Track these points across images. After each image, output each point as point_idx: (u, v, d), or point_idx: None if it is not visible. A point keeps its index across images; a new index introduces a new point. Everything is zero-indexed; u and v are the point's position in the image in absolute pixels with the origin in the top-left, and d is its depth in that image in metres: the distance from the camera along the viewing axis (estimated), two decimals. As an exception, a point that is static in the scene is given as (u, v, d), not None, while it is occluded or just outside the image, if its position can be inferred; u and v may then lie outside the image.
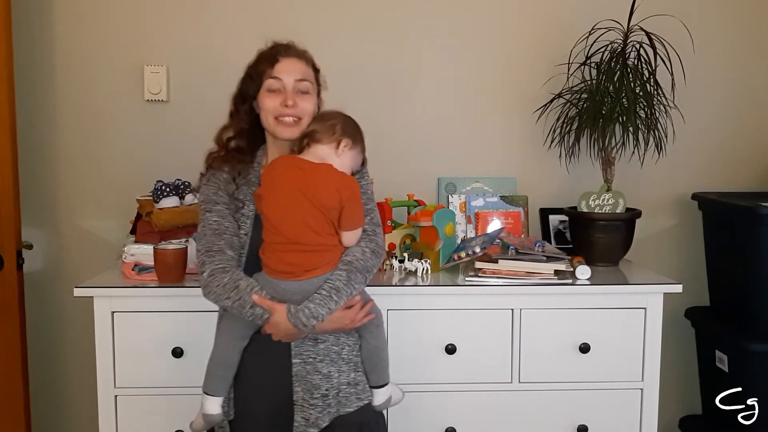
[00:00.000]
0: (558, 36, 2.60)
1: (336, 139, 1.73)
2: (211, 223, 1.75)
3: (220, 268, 1.69)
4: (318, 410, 1.72)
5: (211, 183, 1.81)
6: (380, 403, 1.84)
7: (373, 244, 1.76)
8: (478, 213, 2.58)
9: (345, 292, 1.68)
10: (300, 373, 1.73)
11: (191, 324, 2.09)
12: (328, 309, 1.66)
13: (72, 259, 2.62)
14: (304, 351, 1.73)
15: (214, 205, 1.78)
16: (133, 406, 2.11)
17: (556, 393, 2.19)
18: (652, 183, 2.69)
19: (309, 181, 1.67)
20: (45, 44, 2.55)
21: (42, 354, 2.64)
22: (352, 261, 1.70)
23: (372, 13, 2.62)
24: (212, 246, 1.72)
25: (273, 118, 1.79)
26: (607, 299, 2.18)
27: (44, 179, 2.59)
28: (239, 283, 1.68)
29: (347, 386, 1.77)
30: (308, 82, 1.81)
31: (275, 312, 1.66)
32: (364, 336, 1.81)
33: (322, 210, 1.66)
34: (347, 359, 1.78)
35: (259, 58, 1.84)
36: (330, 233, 1.69)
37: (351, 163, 1.78)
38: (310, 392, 1.72)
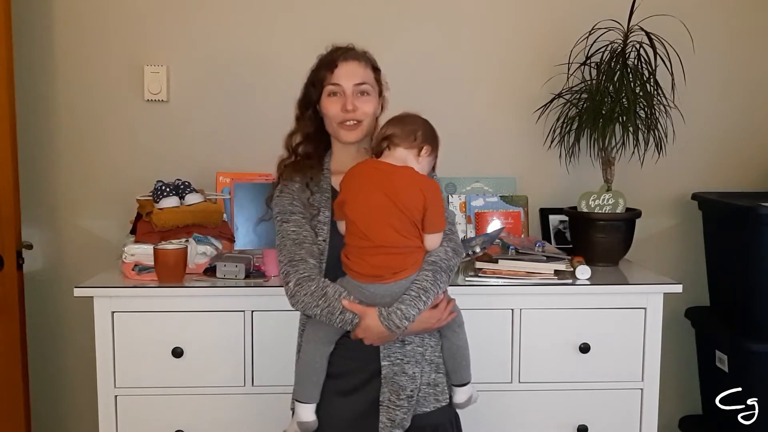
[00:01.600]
0: (558, 36, 2.60)
1: (418, 145, 1.73)
2: (290, 233, 1.76)
3: (305, 277, 1.70)
4: (404, 411, 1.72)
5: (284, 194, 1.82)
6: (462, 402, 1.84)
7: (453, 243, 1.77)
8: (478, 213, 2.58)
9: (432, 292, 1.69)
10: (388, 375, 1.72)
11: (191, 324, 2.09)
12: (418, 309, 1.67)
13: (72, 259, 2.62)
14: (393, 353, 1.73)
15: (290, 215, 1.78)
16: (133, 406, 2.11)
17: (556, 393, 2.19)
18: (652, 183, 2.68)
19: (392, 183, 1.68)
20: (45, 44, 2.55)
21: (42, 354, 2.64)
22: (436, 261, 1.71)
23: (370, 14, 2.61)
24: (294, 256, 1.72)
25: (336, 123, 1.81)
26: (607, 299, 2.18)
27: (44, 179, 2.60)
28: (327, 290, 1.69)
29: (427, 386, 1.77)
30: (368, 84, 1.82)
31: (367, 316, 1.66)
32: (447, 335, 1.81)
33: (406, 212, 1.66)
34: (430, 360, 1.78)
35: (319, 64, 1.85)
36: (414, 235, 1.69)
37: (428, 168, 1.79)
38: (396, 393, 1.72)
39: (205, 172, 2.54)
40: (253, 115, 2.58)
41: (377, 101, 1.86)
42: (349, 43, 1.87)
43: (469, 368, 1.86)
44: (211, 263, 2.20)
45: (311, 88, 1.84)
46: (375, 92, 1.85)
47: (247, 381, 2.11)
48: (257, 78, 2.57)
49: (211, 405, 2.12)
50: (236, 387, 2.12)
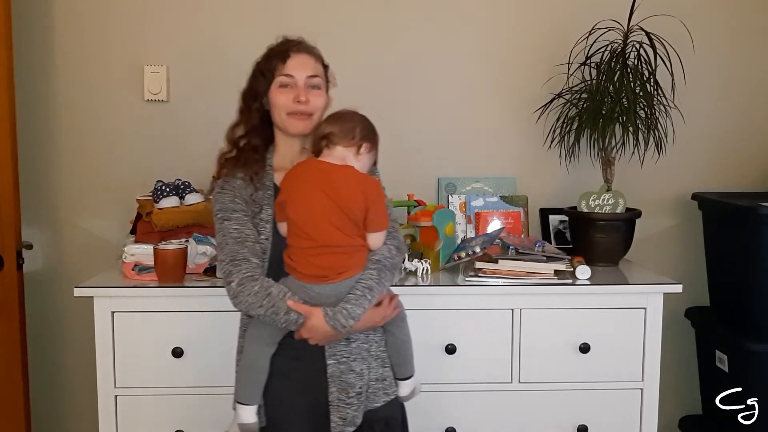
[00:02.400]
0: (558, 36, 2.60)
1: (356, 143, 1.72)
2: (231, 232, 1.72)
3: (248, 277, 1.67)
4: (354, 408, 1.72)
5: (226, 190, 1.77)
6: (406, 395, 1.85)
7: (396, 241, 1.77)
8: (478, 213, 2.58)
9: (377, 291, 1.69)
10: (335, 374, 1.72)
11: (191, 324, 2.09)
12: (363, 308, 1.67)
13: (72, 259, 2.62)
14: (338, 351, 1.73)
15: (232, 213, 1.74)
16: (133, 406, 2.11)
17: (556, 393, 2.19)
18: (652, 183, 2.68)
19: (333, 183, 1.67)
20: (45, 44, 2.55)
21: (42, 354, 2.64)
22: (380, 259, 1.71)
23: (371, 13, 2.62)
24: (236, 255, 1.69)
25: (285, 114, 1.77)
26: (607, 299, 2.18)
27: (44, 179, 2.59)
28: (271, 290, 1.67)
29: (376, 382, 1.78)
30: (319, 77, 1.81)
31: (312, 316, 1.65)
32: (390, 330, 1.81)
33: (348, 211, 1.66)
34: (375, 355, 1.79)
35: (269, 54, 1.81)
36: (357, 234, 1.69)
37: (368, 165, 1.78)
38: (345, 391, 1.72)
39: (205, 172, 2.50)
40: (253, 115, 2.58)
41: (326, 97, 1.83)
42: (299, 36, 1.84)
43: (412, 361, 1.86)
44: (211, 263, 2.20)
45: (260, 78, 1.80)
46: (325, 87, 1.83)
47: (247, 381, 2.11)
48: (257, 78, 2.57)
49: (211, 405, 2.12)
50: (236, 387, 2.12)
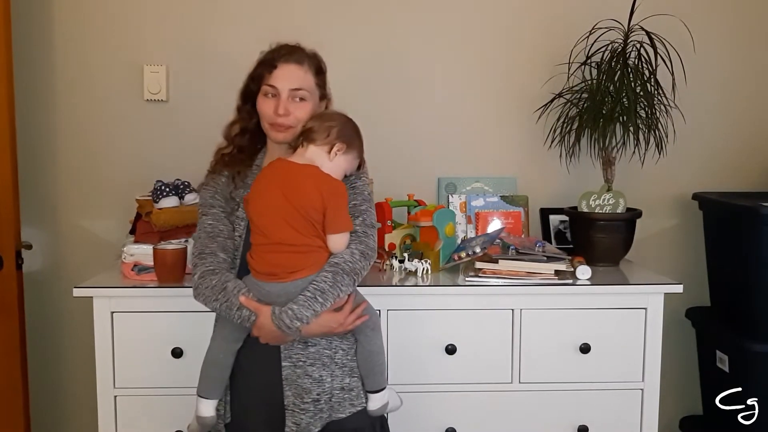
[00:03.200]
0: (558, 36, 2.59)
1: (330, 142, 1.72)
2: (205, 226, 1.77)
3: (209, 270, 1.70)
4: (309, 415, 1.70)
5: (209, 186, 1.83)
6: (375, 409, 1.81)
7: (362, 246, 1.72)
8: (478, 213, 2.58)
9: (331, 294, 1.65)
10: (290, 377, 1.71)
11: (191, 324, 2.09)
12: (312, 311, 1.63)
13: (72, 259, 2.62)
14: (294, 354, 1.72)
15: (209, 209, 1.80)
16: (133, 406, 2.11)
17: (557, 393, 2.18)
18: (653, 183, 2.68)
19: (291, 182, 1.67)
20: (44, 44, 2.55)
21: (42, 354, 2.64)
22: (339, 263, 1.68)
23: (371, 13, 2.61)
24: (205, 249, 1.74)
25: (267, 123, 1.80)
26: (607, 299, 2.18)
27: (44, 179, 2.59)
28: (227, 284, 1.68)
29: (341, 391, 1.75)
30: (305, 90, 1.79)
31: (261, 314, 1.65)
32: (359, 339, 1.79)
33: (302, 211, 1.65)
34: (341, 363, 1.76)
35: (260, 61, 1.83)
36: (314, 234, 1.67)
37: (345, 167, 1.76)
38: (300, 396, 1.71)
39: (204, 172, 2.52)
40: (253, 115, 2.58)
41: (314, 106, 1.82)
42: (296, 42, 1.84)
43: (383, 374, 1.83)
44: (210, 263, 2.20)
45: (251, 83, 1.83)
46: (313, 98, 1.82)
47: (247, 381, 2.11)
48: (257, 78, 2.57)
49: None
50: (236, 387, 2.11)
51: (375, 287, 2.09)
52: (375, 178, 2.44)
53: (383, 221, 2.33)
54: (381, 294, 2.09)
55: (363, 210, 1.78)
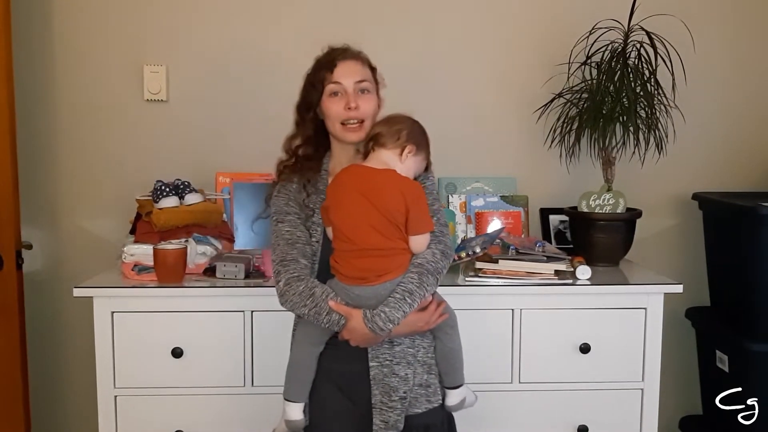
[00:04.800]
0: (558, 36, 2.59)
1: (401, 144, 1.74)
2: (283, 233, 1.78)
3: (295, 277, 1.71)
4: (397, 413, 1.72)
5: (281, 194, 1.83)
6: (454, 404, 1.84)
7: (442, 246, 1.76)
8: (478, 213, 2.58)
9: (418, 294, 1.69)
10: (378, 376, 1.73)
11: (191, 324, 2.09)
12: (403, 312, 1.67)
13: (72, 259, 2.62)
14: (381, 354, 1.74)
15: (285, 216, 1.80)
16: (133, 406, 2.11)
17: (557, 393, 2.18)
18: (653, 183, 2.68)
19: (373, 186, 1.69)
20: (45, 44, 2.55)
21: (42, 354, 2.64)
22: (422, 263, 1.71)
23: (369, 15, 2.61)
24: (286, 256, 1.74)
25: (339, 123, 1.81)
26: (607, 299, 2.18)
27: (44, 179, 2.59)
28: (315, 290, 1.70)
29: (419, 387, 1.77)
30: (368, 81, 1.83)
31: (352, 317, 1.67)
32: (439, 337, 1.81)
33: (387, 215, 1.67)
34: (422, 361, 1.78)
35: (317, 65, 1.85)
36: (398, 237, 1.69)
37: (415, 168, 1.78)
38: (388, 395, 1.72)
39: (204, 172, 2.54)
40: (253, 115, 2.58)
41: (377, 99, 1.86)
42: (344, 43, 1.87)
43: (461, 371, 1.85)
44: (210, 263, 2.20)
45: (311, 89, 1.84)
46: (374, 90, 1.86)
47: (247, 381, 2.11)
48: (257, 78, 2.57)
49: (211, 405, 2.12)
50: (236, 387, 2.12)
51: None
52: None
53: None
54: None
55: (436, 210, 1.82)
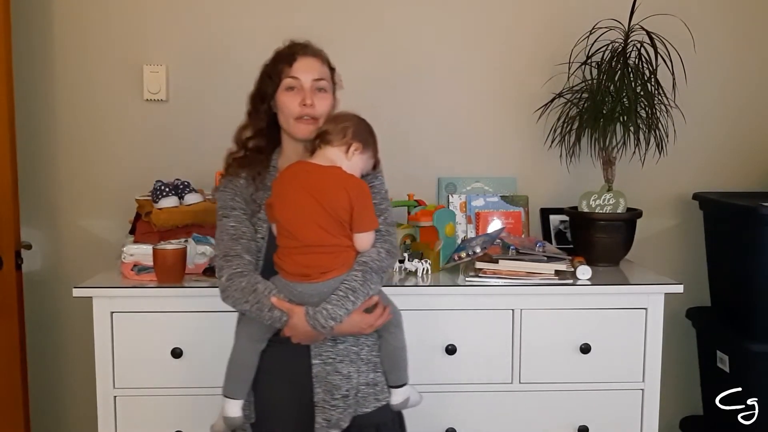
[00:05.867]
0: (558, 35, 2.59)
1: (347, 142, 1.73)
2: (228, 229, 1.76)
3: (237, 272, 1.70)
4: (339, 411, 1.72)
5: (227, 189, 1.81)
6: (398, 403, 1.84)
7: (387, 245, 1.75)
8: (478, 213, 2.58)
9: (362, 293, 1.68)
10: (320, 374, 1.73)
11: (191, 324, 2.09)
12: (345, 310, 1.66)
13: (71, 259, 2.62)
14: (324, 352, 1.73)
15: (231, 211, 1.78)
16: (133, 407, 2.11)
17: (557, 393, 2.18)
18: (653, 183, 2.68)
19: (317, 184, 1.68)
20: (44, 44, 2.55)
21: (41, 354, 2.64)
22: (367, 261, 1.70)
23: (371, 14, 2.61)
24: (229, 251, 1.73)
25: (292, 119, 1.79)
26: (607, 299, 2.18)
27: (43, 179, 2.59)
28: (257, 286, 1.69)
29: (366, 386, 1.77)
30: (325, 80, 1.81)
31: (294, 314, 1.67)
32: (384, 336, 1.81)
33: (331, 212, 1.67)
34: (366, 359, 1.78)
35: (276, 57, 1.83)
36: (343, 234, 1.69)
37: (361, 166, 1.78)
38: (330, 393, 1.72)
39: (204, 172, 2.53)
40: (253, 115, 2.58)
41: (332, 99, 1.84)
42: (306, 39, 1.85)
43: (406, 370, 1.85)
44: (210, 263, 2.20)
45: (267, 81, 1.82)
46: (331, 90, 1.84)
47: (247, 381, 2.11)
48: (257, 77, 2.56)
49: (211, 405, 2.10)
50: (236, 387, 2.11)
51: (375, 287, 2.10)
52: (375, 178, 2.44)
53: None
54: (381, 294, 2.09)
55: (383, 209, 1.81)
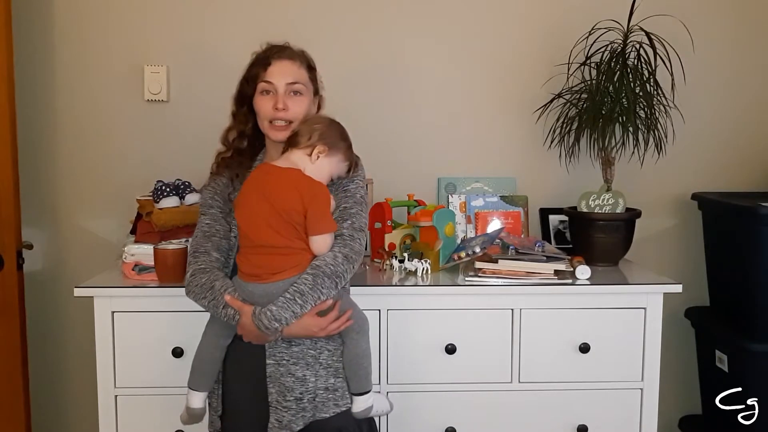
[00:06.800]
0: (558, 36, 2.60)
1: (311, 144, 1.73)
2: (203, 226, 1.82)
3: (201, 269, 1.74)
4: (291, 413, 1.72)
5: (209, 187, 1.88)
6: (359, 411, 1.81)
7: (347, 249, 1.71)
8: (478, 213, 2.58)
9: (311, 297, 1.66)
10: (274, 375, 1.74)
11: (191, 324, 2.08)
12: (291, 312, 1.65)
13: (72, 259, 2.62)
14: (278, 352, 1.74)
15: (209, 209, 1.84)
16: (133, 406, 2.11)
17: (556, 393, 2.19)
18: (652, 183, 2.68)
19: (272, 185, 1.70)
20: (45, 44, 2.55)
21: (42, 354, 2.64)
22: (320, 265, 1.68)
23: (372, 13, 2.61)
24: (199, 247, 1.78)
25: (266, 122, 1.81)
26: (607, 299, 2.18)
27: (44, 179, 2.59)
28: (215, 283, 1.72)
29: (324, 391, 1.76)
30: (300, 84, 1.82)
31: (243, 313, 1.68)
32: (345, 342, 1.80)
33: (283, 214, 1.67)
34: (326, 364, 1.77)
35: (253, 61, 1.86)
36: (296, 237, 1.68)
37: (329, 170, 1.76)
38: (283, 394, 1.73)
39: (205, 172, 2.51)
40: (253, 115, 2.58)
41: (310, 101, 1.85)
42: (285, 41, 1.87)
43: (368, 377, 1.83)
44: (211, 263, 2.20)
45: (245, 84, 1.85)
46: (309, 92, 1.85)
47: (247, 381, 2.11)
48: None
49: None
50: (236, 387, 2.11)
51: (375, 287, 2.10)
52: (375, 178, 2.45)
53: (383, 221, 2.34)
54: (381, 294, 2.09)
55: (353, 213, 1.77)
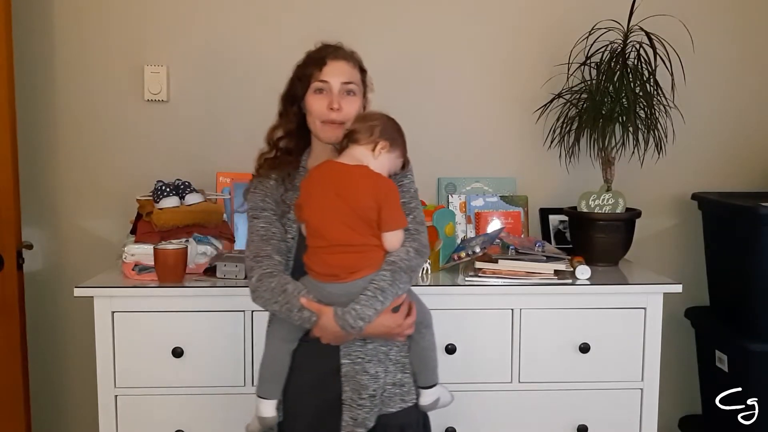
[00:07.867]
0: (558, 36, 2.60)
1: (374, 140, 1.73)
2: (258, 229, 1.77)
3: (267, 273, 1.70)
4: (366, 410, 1.72)
5: (258, 190, 1.82)
6: (427, 404, 1.83)
7: (416, 243, 1.75)
8: (478, 213, 2.58)
9: (390, 293, 1.67)
10: (349, 373, 1.73)
11: (191, 324, 2.10)
12: (374, 310, 1.65)
13: (72, 259, 2.62)
14: (353, 351, 1.73)
15: (261, 212, 1.79)
16: (133, 406, 2.11)
17: (556, 393, 2.19)
18: (652, 183, 2.68)
19: (344, 183, 1.68)
20: (45, 44, 2.55)
21: (42, 354, 2.64)
22: (396, 261, 1.69)
23: (372, 14, 2.62)
24: (260, 251, 1.74)
25: (319, 121, 1.80)
26: (606, 299, 2.18)
27: (44, 179, 2.60)
28: (287, 287, 1.69)
29: (392, 386, 1.77)
30: (354, 84, 1.82)
31: (323, 315, 1.66)
32: (413, 336, 1.80)
33: (358, 211, 1.66)
34: (395, 360, 1.78)
35: (307, 59, 1.84)
36: (371, 234, 1.68)
37: (389, 165, 1.77)
38: (358, 392, 1.72)
39: (205, 172, 2.54)
40: (253, 115, 2.56)
41: (361, 102, 1.85)
42: (338, 41, 1.86)
43: (435, 370, 1.85)
44: (211, 263, 2.20)
45: (297, 83, 1.83)
46: (360, 93, 1.85)
47: (247, 381, 2.11)
48: (257, 78, 2.57)
49: (211, 405, 2.12)
50: (236, 387, 2.12)
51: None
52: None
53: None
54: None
55: (412, 207, 1.81)
